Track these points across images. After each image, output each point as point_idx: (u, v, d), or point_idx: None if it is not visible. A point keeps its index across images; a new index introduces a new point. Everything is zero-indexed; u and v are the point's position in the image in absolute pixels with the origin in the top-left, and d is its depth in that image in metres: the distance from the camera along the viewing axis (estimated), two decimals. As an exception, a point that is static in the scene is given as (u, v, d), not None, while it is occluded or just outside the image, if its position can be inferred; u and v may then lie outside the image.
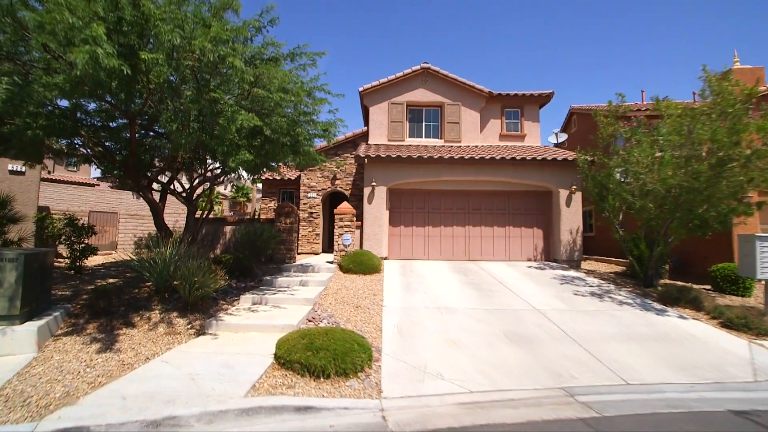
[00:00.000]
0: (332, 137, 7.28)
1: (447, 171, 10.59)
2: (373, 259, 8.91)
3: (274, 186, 14.21)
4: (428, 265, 9.83)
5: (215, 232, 9.26)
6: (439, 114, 13.14)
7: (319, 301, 6.28)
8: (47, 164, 32.85)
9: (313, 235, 12.85)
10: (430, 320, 5.74)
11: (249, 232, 8.16)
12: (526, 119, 13.39)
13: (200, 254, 6.45)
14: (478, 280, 8.31)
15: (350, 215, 9.19)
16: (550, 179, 10.69)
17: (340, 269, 8.74)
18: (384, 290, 7.27)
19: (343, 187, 13.04)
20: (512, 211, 11.12)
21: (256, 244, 8.17)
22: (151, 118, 6.02)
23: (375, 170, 10.50)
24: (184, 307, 5.37)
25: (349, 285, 7.55)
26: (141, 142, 6.47)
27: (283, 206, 9.14)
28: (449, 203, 11.06)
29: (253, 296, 6.16)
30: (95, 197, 29.60)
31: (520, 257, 10.94)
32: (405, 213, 10.97)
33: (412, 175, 10.58)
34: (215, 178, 7.10)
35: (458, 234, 10.95)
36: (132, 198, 31.14)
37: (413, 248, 10.85)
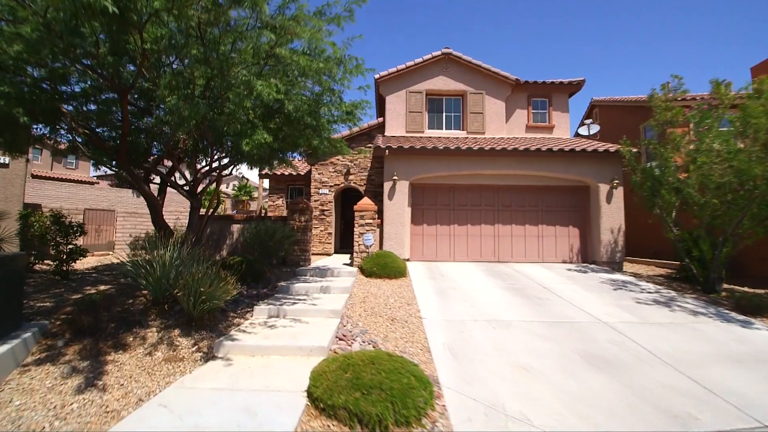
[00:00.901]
0: (357, 121, 6.29)
1: (475, 164, 9.60)
2: (398, 262, 7.94)
3: (282, 182, 13.23)
4: (456, 268, 8.85)
5: (221, 232, 8.30)
6: (460, 103, 12.14)
7: (346, 313, 5.30)
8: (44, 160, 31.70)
9: (325, 234, 11.87)
10: (483, 337, 4.75)
11: (259, 232, 7.19)
12: (555, 109, 12.39)
13: (206, 257, 5.49)
14: (518, 285, 7.33)
15: (371, 212, 8.21)
16: (589, 173, 9.69)
17: (362, 273, 7.77)
18: (417, 298, 6.29)
19: (357, 183, 12.05)
20: (545, 208, 10.13)
21: (268, 245, 7.20)
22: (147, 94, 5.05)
23: (396, 163, 9.51)
24: (188, 323, 4.39)
25: (375, 291, 6.57)
26: (136, 124, 5.50)
27: (297, 202, 8.16)
28: (476, 199, 10.06)
29: (269, 307, 5.18)
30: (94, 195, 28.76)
31: (554, 258, 9.95)
32: (428, 210, 9.98)
33: (436, 168, 9.59)
34: (223, 169, 6.11)
35: (487, 233, 9.97)
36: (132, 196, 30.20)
37: (437, 249, 9.86)
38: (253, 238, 7.22)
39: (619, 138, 9.23)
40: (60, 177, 29.60)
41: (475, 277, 7.99)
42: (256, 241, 7.18)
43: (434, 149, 9.28)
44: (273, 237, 7.19)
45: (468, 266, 9.11)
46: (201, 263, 4.99)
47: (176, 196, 34.63)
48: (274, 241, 7.19)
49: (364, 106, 6.16)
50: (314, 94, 5.06)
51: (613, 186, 9.57)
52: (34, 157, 31.69)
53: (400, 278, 7.65)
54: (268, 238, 7.16)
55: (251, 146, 4.11)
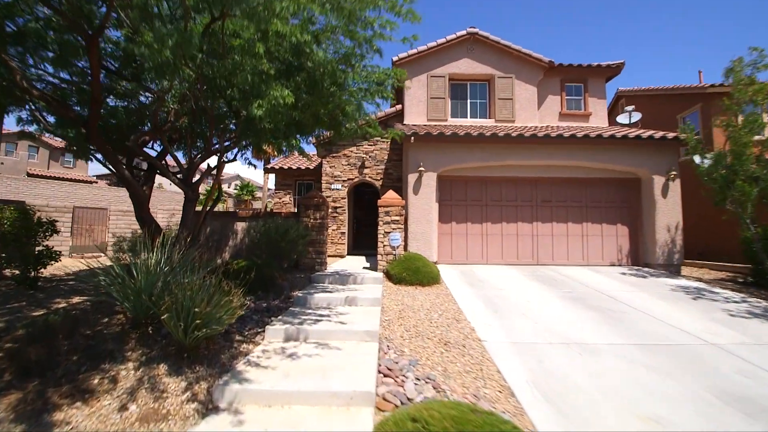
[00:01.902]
0: (387, 96, 5.12)
1: (511, 153, 8.40)
2: (430, 266, 6.75)
3: (290, 177, 12.05)
4: (494, 272, 7.66)
5: (222, 231, 7.13)
6: (487, 89, 10.94)
7: (384, 334, 4.11)
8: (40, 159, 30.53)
9: (338, 234, 10.69)
10: (573, 369, 3.56)
11: (269, 230, 6.02)
12: (591, 95, 11.17)
13: (204, 261, 4.33)
14: (577, 294, 6.13)
15: (398, 207, 7.02)
16: (642, 162, 8.48)
17: (389, 279, 6.58)
18: (463, 312, 5.09)
19: (373, 177, 10.86)
20: (590, 203, 8.92)
21: (279, 246, 6.02)
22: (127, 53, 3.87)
23: (423, 152, 8.31)
24: (179, 353, 3.21)
25: (411, 303, 5.38)
26: (112, 88, 4.31)
27: (311, 196, 6.97)
28: (512, 194, 8.86)
29: (285, 327, 3.99)
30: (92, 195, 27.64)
31: (600, 261, 8.74)
32: (458, 206, 8.79)
33: (467, 158, 8.39)
34: (225, 151, 4.94)
35: (524, 232, 8.76)
36: (130, 195, 29.03)
37: (468, 250, 8.67)
38: (262, 238, 6.05)
39: (652, 129, 8.04)
40: (56, 176, 28.54)
41: (520, 283, 6.79)
42: (265, 241, 6.01)
43: (467, 136, 8.09)
44: (285, 236, 6.02)
45: (506, 270, 7.91)
46: (197, 270, 3.82)
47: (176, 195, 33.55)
48: (286, 242, 6.02)
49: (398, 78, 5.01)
50: (343, 50, 3.88)
51: (670, 178, 8.36)
52: (30, 156, 30.65)
53: (433, 285, 6.46)
54: (279, 237, 5.99)
55: (265, 109, 2.93)
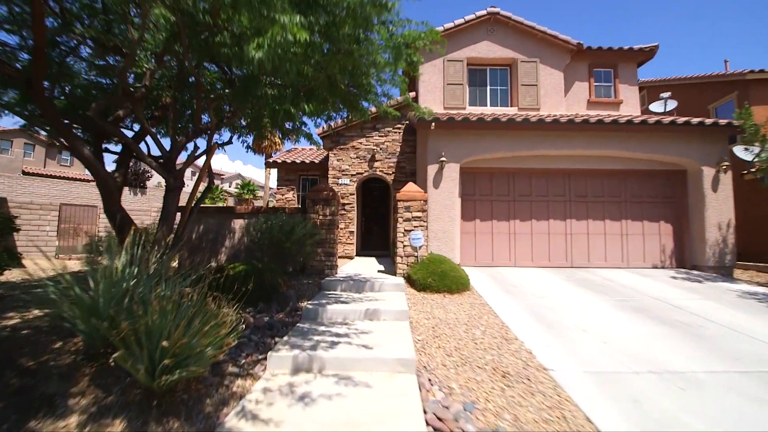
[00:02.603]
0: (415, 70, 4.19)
1: (544, 141, 7.43)
2: (457, 270, 5.79)
3: (293, 172, 11.11)
4: (526, 276, 6.70)
5: (218, 229, 6.19)
6: (508, 75, 9.98)
7: (422, 361, 3.16)
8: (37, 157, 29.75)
9: (346, 233, 9.74)
10: (686, 413, 2.60)
11: (271, 229, 5.06)
12: (621, 82, 10.20)
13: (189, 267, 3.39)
14: (635, 303, 5.16)
15: (420, 202, 6.05)
16: (689, 153, 7.50)
17: (411, 285, 5.63)
18: (510, 327, 4.13)
19: (384, 171, 9.91)
20: (630, 198, 7.95)
21: (284, 247, 5.08)
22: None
23: (444, 141, 7.35)
24: (146, 399, 2.27)
25: (443, 316, 4.43)
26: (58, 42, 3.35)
27: (320, 189, 6.02)
28: (542, 188, 7.90)
29: (293, 354, 3.03)
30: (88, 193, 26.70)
31: (641, 262, 7.77)
32: (482, 202, 7.82)
33: (494, 147, 7.43)
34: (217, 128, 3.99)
35: (556, 231, 7.80)
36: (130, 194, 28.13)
37: (494, 251, 7.70)
38: (263, 238, 5.10)
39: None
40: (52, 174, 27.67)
41: (561, 289, 5.84)
42: (267, 241, 5.06)
43: (495, 122, 7.12)
44: (290, 236, 5.07)
45: (539, 274, 6.94)
46: (179, 280, 2.89)
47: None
48: (291, 242, 5.07)
49: (433, 38, 4.07)
50: None
51: (722, 169, 7.38)
52: (26, 154, 29.78)
53: (463, 293, 5.51)
54: (283, 237, 5.04)
55: (267, 49, 1.98)
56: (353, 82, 3.66)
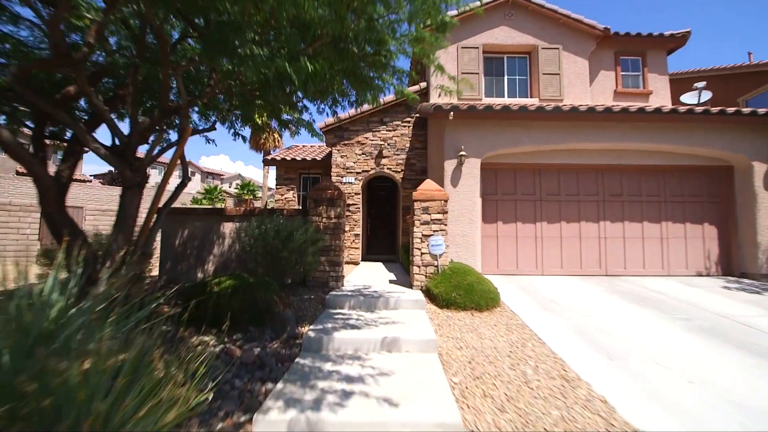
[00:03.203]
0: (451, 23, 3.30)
1: (576, 133, 6.54)
2: (484, 282, 4.89)
3: (293, 170, 10.22)
4: (560, 286, 5.81)
5: (206, 235, 5.29)
6: (527, 64, 9.09)
7: (469, 422, 2.26)
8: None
9: (351, 236, 8.85)
10: None
11: (265, 235, 4.15)
12: (651, 71, 9.31)
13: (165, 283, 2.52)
14: (703, 323, 4.25)
15: (440, 202, 5.15)
16: (737, 146, 6.60)
17: (432, 300, 4.73)
18: (565, 360, 3.22)
19: (392, 169, 9.01)
20: (669, 197, 7.05)
21: (280, 256, 4.17)
22: None
23: (464, 133, 6.46)
24: None
25: (477, 344, 3.53)
26: None
27: (324, 188, 5.11)
28: (572, 186, 7.00)
29: (288, 418, 2.14)
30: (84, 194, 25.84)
31: (684, 269, 6.87)
32: (504, 202, 6.93)
33: (519, 141, 6.52)
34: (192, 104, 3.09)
35: (588, 234, 6.90)
36: (124, 195, 27.17)
37: (519, 257, 6.80)
38: (256, 246, 4.19)
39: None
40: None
41: (606, 303, 4.93)
42: (261, 249, 4.16)
43: (522, 111, 6.22)
44: (288, 242, 4.17)
45: (573, 283, 6.05)
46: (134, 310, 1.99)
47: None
48: (289, 250, 4.17)
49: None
50: None
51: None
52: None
53: (493, 309, 4.61)
54: (279, 244, 4.14)
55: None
56: (369, 37, 2.76)
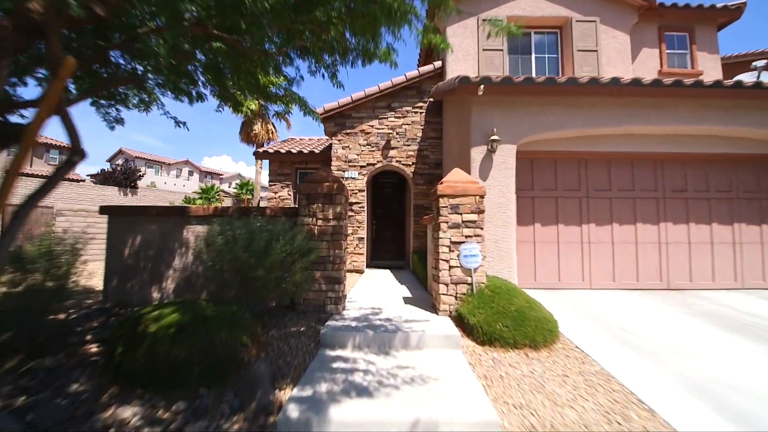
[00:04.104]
0: None
1: (634, 114, 5.19)
2: (536, 306, 3.57)
3: (288, 164, 8.91)
4: (621, 305, 4.46)
5: (165, 242, 3.96)
6: (557, 39, 7.75)
7: None
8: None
9: (355, 240, 7.52)
10: None
11: (232, 245, 2.79)
12: (699, 49, 7.97)
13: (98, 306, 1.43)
14: None
15: (475, 199, 3.80)
16: (838, 129, 5.25)
17: (466, 331, 3.38)
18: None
19: (402, 162, 7.68)
20: (742, 193, 5.70)
21: (254, 276, 2.83)
22: None
23: (494, 114, 5.13)
24: None
25: (558, 420, 2.20)
26: None
27: (319, 180, 3.76)
28: (625, 179, 5.66)
29: None
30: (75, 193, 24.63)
31: (761, 281, 5.52)
32: (543, 200, 5.59)
33: (563, 123, 5.18)
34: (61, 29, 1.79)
35: (646, 239, 5.55)
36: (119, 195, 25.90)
37: (561, 267, 5.46)
38: (220, 260, 2.86)
39: None
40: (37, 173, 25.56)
41: (696, 332, 3.58)
42: (227, 265, 2.83)
43: (571, 83, 4.87)
44: (265, 256, 2.82)
45: (634, 300, 4.70)
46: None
47: (170, 195, 30.75)
48: (267, 266, 2.83)
49: None
50: None
51: None
52: (10, 152, 27.69)
53: (552, 344, 3.28)
54: (253, 258, 2.80)
55: None
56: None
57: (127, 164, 26.42)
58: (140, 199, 25.74)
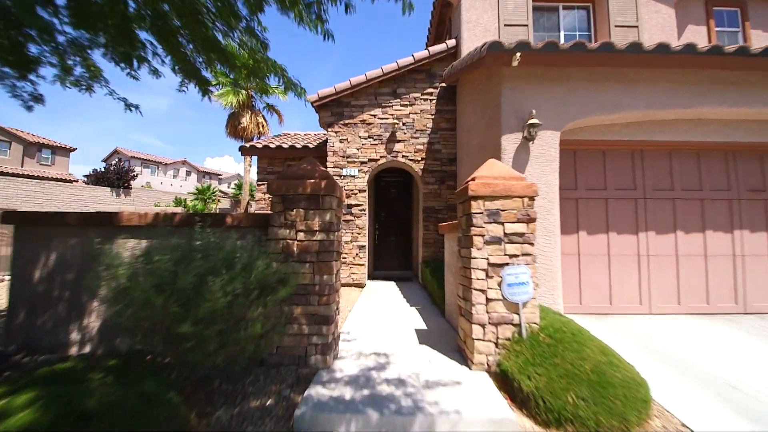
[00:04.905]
0: None
1: (709, 92, 4.02)
2: (617, 361, 2.40)
3: (278, 161, 7.75)
4: (699, 338, 3.28)
5: (88, 261, 2.80)
6: (589, 15, 6.59)
7: None
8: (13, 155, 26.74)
9: (354, 248, 6.36)
10: None
11: (146, 282, 1.69)
12: (753, 26, 6.79)
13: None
14: None
15: (523, 201, 2.64)
16: None
17: (513, 399, 2.24)
18: None
19: (410, 157, 6.52)
20: (839, 193, 4.52)
21: (178, 334, 1.69)
22: None
23: (531, 92, 3.97)
24: None
25: None
26: None
27: (299, 176, 2.60)
28: (690, 176, 4.48)
29: None
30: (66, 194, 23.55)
31: None
32: (588, 201, 4.41)
33: (620, 104, 3.99)
34: None
35: (716, 250, 4.37)
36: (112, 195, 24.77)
37: (613, 286, 4.28)
38: (130, 303, 1.75)
39: None
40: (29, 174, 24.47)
41: None
42: (139, 310, 1.73)
43: (634, 49, 3.69)
44: (195, 302, 1.68)
45: (711, 330, 3.52)
46: None
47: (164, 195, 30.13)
48: (198, 318, 1.67)
49: None
50: None
51: None
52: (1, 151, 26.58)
53: (645, 422, 2.12)
54: (177, 305, 1.65)
55: None
56: None
57: (121, 164, 25.33)
58: (134, 200, 24.63)
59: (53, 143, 27.24)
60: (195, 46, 2.92)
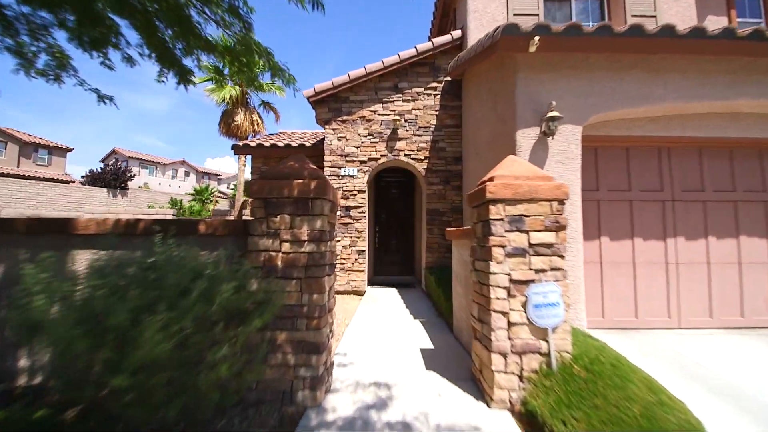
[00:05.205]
0: None
1: (746, 81, 3.60)
2: (668, 399, 1.97)
3: (273, 161, 7.33)
4: (742, 360, 2.86)
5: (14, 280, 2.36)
6: (603, 5, 6.17)
7: None
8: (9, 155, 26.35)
9: (353, 254, 5.93)
10: None
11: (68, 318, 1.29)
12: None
13: None
14: None
15: (552, 206, 2.21)
16: None
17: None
18: None
19: (412, 156, 6.10)
20: None
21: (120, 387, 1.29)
22: None
23: (550, 83, 3.54)
24: None
25: None
26: None
27: (284, 175, 2.18)
28: (722, 175, 4.05)
29: None
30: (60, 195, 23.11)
31: None
32: (611, 204, 3.98)
33: (649, 94, 3.56)
34: None
35: (751, 258, 3.95)
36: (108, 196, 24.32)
37: (639, 297, 3.86)
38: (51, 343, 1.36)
39: None
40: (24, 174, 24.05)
41: None
42: (68, 353, 1.33)
43: (667, 33, 3.26)
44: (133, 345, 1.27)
45: (752, 347, 3.10)
46: None
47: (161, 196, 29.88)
48: (139, 366, 1.27)
49: None
50: None
51: None
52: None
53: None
54: (107, 348, 1.25)
55: None
56: None
57: (118, 164, 24.92)
58: (130, 201, 24.20)
59: (50, 143, 26.82)
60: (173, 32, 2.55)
